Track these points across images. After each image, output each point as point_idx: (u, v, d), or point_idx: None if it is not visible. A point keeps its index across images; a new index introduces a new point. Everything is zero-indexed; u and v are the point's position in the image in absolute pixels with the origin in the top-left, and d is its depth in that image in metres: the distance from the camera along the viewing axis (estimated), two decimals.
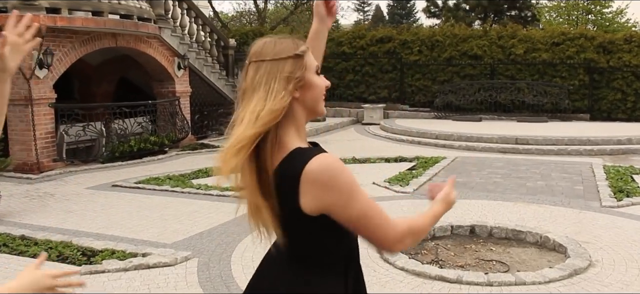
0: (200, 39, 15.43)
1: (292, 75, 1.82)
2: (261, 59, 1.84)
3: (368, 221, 1.77)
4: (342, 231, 1.81)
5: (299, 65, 1.85)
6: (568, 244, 5.99)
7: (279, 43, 1.87)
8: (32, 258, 5.82)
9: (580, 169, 10.74)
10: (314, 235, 1.82)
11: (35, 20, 10.06)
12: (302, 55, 1.85)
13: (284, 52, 1.84)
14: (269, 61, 1.83)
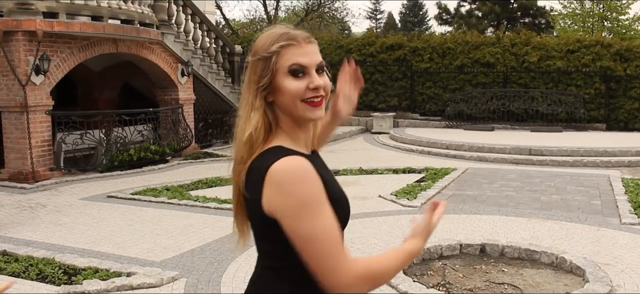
0: (205, 45, 15.09)
1: (260, 80, 1.66)
2: (251, 56, 1.72)
3: (316, 246, 1.52)
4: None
5: (266, 68, 1.64)
6: (586, 266, 5.53)
7: (261, 38, 1.70)
8: (10, 275, 5.46)
9: (598, 182, 10.25)
10: (276, 240, 1.60)
11: (32, 25, 9.80)
12: (270, 56, 1.62)
13: (259, 51, 1.68)
14: (251, 62, 1.70)
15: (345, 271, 1.52)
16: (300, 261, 1.56)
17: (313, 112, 1.66)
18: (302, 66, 1.64)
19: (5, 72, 10.28)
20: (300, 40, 1.65)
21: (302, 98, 1.64)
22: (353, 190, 9.15)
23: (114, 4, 11.57)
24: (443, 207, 1.80)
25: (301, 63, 1.64)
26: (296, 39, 1.64)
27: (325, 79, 1.68)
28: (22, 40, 10.14)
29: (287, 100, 1.65)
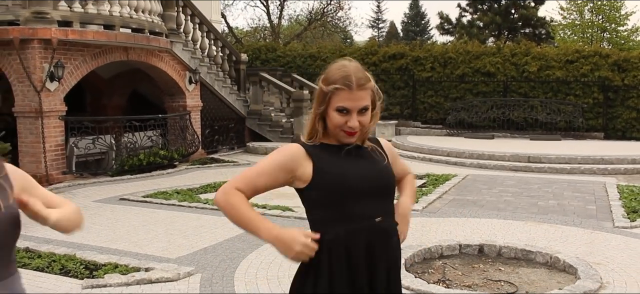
0: (212, 53, 15.46)
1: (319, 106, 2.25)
2: (320, 82, 2.30)
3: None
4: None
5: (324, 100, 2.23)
6: (578, 265, 5.86)
7: (329, 71, 2.29)
8: (35, 270, 5.79)
9: (593, 188, 10.58)
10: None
11: (47, 33, 10.16)
12: (327, 93, 2.20)
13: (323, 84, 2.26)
14: (318, 88, 2.29)
15: (225, 186, 2.23)
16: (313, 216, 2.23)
17: (347, 138, 2.23)
18: (346, 109, 2.15)
19: (21, 78, 10.64)
20: (353, 87, 2.13)
21: (341, 129, 2.18)
22: None
23: (126, 13, 11.93)
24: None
25: (346, 107, 2.15)
26: (350, 85, 2.13)
27: (364, 118, 2.19)
28: (38, 48, 10.50)
29: (331, 126, 2.22)
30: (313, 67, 20.95)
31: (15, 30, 10.47)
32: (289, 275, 5.52)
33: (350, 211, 2.16)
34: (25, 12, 10.57)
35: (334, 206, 2.17)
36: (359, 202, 2.16)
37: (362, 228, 2.17)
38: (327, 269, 2.13)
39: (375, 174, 2.23)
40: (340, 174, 2.17)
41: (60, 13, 10.82)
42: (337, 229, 2.14)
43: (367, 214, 2.19)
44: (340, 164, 2.19)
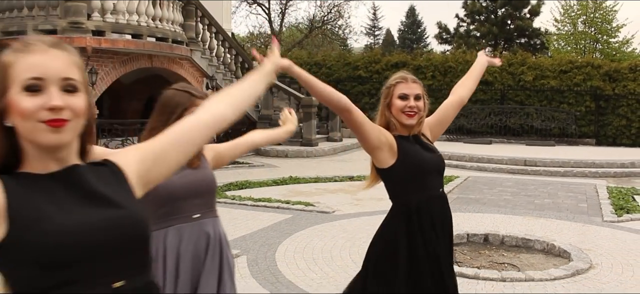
0: (227, 61, 16.35)
1: (385, 99, 3.02)
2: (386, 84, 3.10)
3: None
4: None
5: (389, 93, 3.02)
6: (572, 250, 6.76)
7: (391, 78, 3.08)
8: None
9: (585, 189, 11.50)
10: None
11: (82, 42, 11.03)
12: (390, 87, 3.01)
13: (387, 82, 3.07)
14: (384, 87, 3.08)
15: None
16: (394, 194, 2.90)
17: (408, 120, 2.94)
18: (406, 95, 2.93)
19: None
20: (409, 80, 2.96)
21: (402, 110, 2.93)
22: (370, 193, 10.36)
23: (152, 23, 12.81)
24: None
25: (405, 93, 2.94)
26: (407, 79, 2.96)
27: (419, 103, 2.96)
28: None
29: (395, 111, 2.96)
30: (319, 74, 21.82)
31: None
32: (322, 257, 6.43)
33: (428, 183, 2.95)
34: (63, 22, 11.44)
35: (414, 181, 2.91)
36: (430, 176, 2.98)
37: (434, 196, 2.98)
38: (419, 231, 2.85)
39: (436, 159, 3.05)
40: (417, 154, 2.96)
41: (94, 23, 11.69)
42: (418, 197, 2.90)
43: (439, 186, 3.02)
44: (415, 149, 2.97)
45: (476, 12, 31.20)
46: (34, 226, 1.33)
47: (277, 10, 39.08)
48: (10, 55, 1.38)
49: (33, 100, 1.35)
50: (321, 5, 41.38)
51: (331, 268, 6.15)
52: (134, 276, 1.43)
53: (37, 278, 1.32)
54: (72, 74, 1.40)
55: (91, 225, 1.37)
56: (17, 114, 1.35)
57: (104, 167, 1.52)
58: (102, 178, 1.48)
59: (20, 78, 1.35)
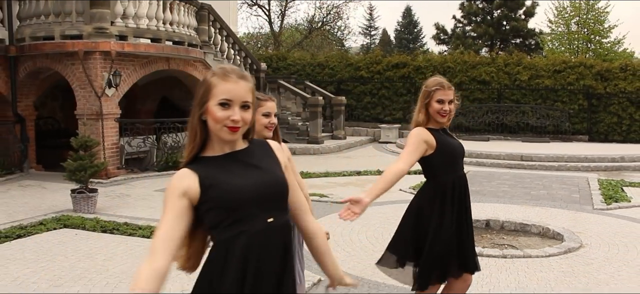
0: (237, 62, 17.11)
1: (424, 100, 3.81)
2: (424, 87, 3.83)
3: None
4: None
5: (428, 96, 3.76)
6: (564, 233, 7.57)
7: (429, 81, 3.85)
8: (141, 237, 7.40)
9: (578, 181, 12.32)
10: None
11: (107, 46, 11.78)
12: (430, 92, 3.73)
13: (426, 87, 3.80)
14: (423, 90, 3.85)
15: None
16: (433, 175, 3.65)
17: (442, 119, 3.73)
18: (442, 100, 3.70)
19: (83, 85, 12.25)
20: (446, 87, 3.71)
21: (439, 112, 3.70)
22: None
23: (169, 28, 13.57)
24: None
25: (443, 98, 3.71)
26: (443, 86, 3.69)
27: (452, 106, 3.74)
28: (99, 59, 12.12)
29: (432, 112, 3.72)
30: (322, 75, 22.65)
31: (79, 43, 12.09)
32: (342, 240, 7.21)
33: (456, 165, 3.82)
34: (88, 28, 12.18)
35: (447, 164, 3.77)
36: (457, 160, 3.80)
37: (462, 176, 3.82)
38: (450, 201, 3.73)
39: (461, 146, 3.87)
40: (449, 144, 3.79)
41: (117, 28, 12.44)
42: (452, 178, 3.77)
43: (462, 168, 3.85)
44: (448, 140, 3.81)
45: (472, 14, 32.03)
46: (217, 188, 2.13)
47: (277, 11, 39.84)
48: (214, 79, 2.17)
49: (223, 112, 2.13)
50: (320, 6, 42.20)
51: (351, 248, 6.94)
52: (279, 215, 2.21)
53: (223, 217, 2.13)
54: (248, 98, 2.18)
55: (250, 184, 2.17)
56: (212, 118, 2.15)
57: (261, 147, 2.31)
58: (257, 155, 2.27)
59: (217, 97, 2.14)
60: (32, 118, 13.67)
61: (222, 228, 2.12)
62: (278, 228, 2.18)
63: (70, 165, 8.94)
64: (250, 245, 2.11)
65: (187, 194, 2.11)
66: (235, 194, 2.11)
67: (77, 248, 6.91)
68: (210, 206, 2.11)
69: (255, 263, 2.12)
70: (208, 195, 2.11)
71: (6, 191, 10.92)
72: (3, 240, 7.17)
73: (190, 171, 2.14)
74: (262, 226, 2.13)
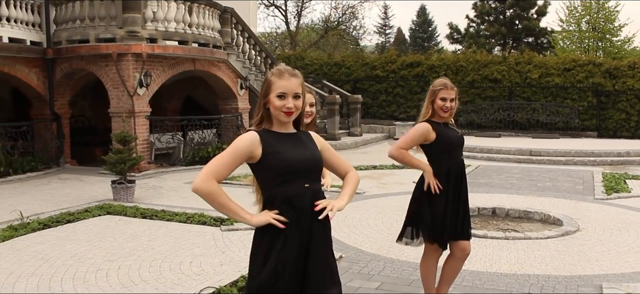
0: (257, 62, 17.91)
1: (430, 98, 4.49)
2: (431, 87, 4.54)
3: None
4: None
5: (434, 95, 4.45)
6: (564, 219, 8.27)
7: (435, 82, 4.57)
8: (179, 223, 8.19)
9: (583, 175, 12.98)
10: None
11: (138, 48, 12.59)
12: (435, 91, 4.42)
13: (432, 87, 4.49)
14: (430, 90, 4.53)
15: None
16: (433, 160, 4.36)
17: (445, 114, 4.42)
18: (445, 98, 4.41)
19: (116, 85, 13.09)
20: (449, 87, 4.42)
21: (442, 108, 4.40)
22: (393, 178, 11.95)
23: (195, 30, 14.38)
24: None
25: (446, 96, 4.41)
26: (447, 87, 4.41)
27: (454, 104, 4.43)
28: (131, 60, 12.95)
29: (437, 107, 4.42)
30: (338, 74, 23.41)
31: (113, 46, 12.93)
32: (361, 225, 7.95)
33: (454, 153, 4.52)
34: (121, 31, 13.02)
35: (446, 153, 4.46)
36: (456, 150, 4.54)
37: (459, 162, 4.55)
38: (445, 181, 4.43)
39: (459, 138, 4.60)
40: (448, 136, 4.50)
41: (148, 31, 13.27)
42: (448, 164, 4.47)
43: (460, 155, 4.57)
44: (448, 132, 4.50)
45: (485, 13, 32.62)
46: (275, 155, 2.87)
47: (293, 11, 40.63)
48: (273, 78, 2.93)
49: (281, 101, 2.90)
50: (336, 6, 42.90)
51: (369, 231, 7.69)
52: (314, 182, 2.96)
53: (275, 179, 2.88)
54: (298, 90, 2.94)
55: (298, 157, 2.91)
56: (273, 106, 2.91)
57: (305, 135, 3.07)
58: (303, 140, 3.03)
59: (276, 91, 2.90)
60: (67, 116, 14.54)
61: (272, 185, 2.88)
62: (312, 191, 2.92)
63: (110, 158, 9.77)
64: (289, 201, 2.85)
65: (251, 151, 2.87)
66: (286, 163, 2.85)
67: (123, 231, 7.72)
68: (267, 167, 2.87)
69: (292, 216, 2.86)
70: (267, 159, 2.86)
71: (48, 183, 11.79)
72: (55, 224, 8.00)
73: (259, 138, 2.89)
74: (300, 189, 2.88)
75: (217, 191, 2.83)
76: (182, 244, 7.00)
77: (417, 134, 4.47)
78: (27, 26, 13.37)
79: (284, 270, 2.80)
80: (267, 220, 2.79)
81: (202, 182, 2.82)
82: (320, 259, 2.87)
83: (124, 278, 5.72)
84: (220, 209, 2.90)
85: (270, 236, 2.83)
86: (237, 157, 2.87)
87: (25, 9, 13.34)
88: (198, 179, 2.83)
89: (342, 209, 2.98)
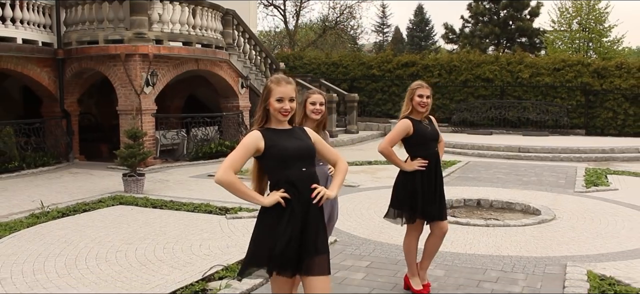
0: (258, 62, 18.59)
1: (409, 97, 5.14)
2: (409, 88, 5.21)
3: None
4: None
5: (411, 95, 5.11)
6: (542, 209, 8.97)
7: (412, 84, 5.20)
8: (188, 212, 8.86)
9: (567, 170, 13.68)
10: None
11: (145, 49, 13.25)
12: (412, 90, 5.08)
13: (410, 88, 5.17)
14: (409, 90, 5.22)
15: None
16: (410, 152, 5.07)
17: (422, 109, 5.09)
18: (422, 95, 5.10)
19: (124, 84, 13.77)
20: (424, 87, 5.11)
21: (419, 104, 5.08)
22: (387, 173, 12.64)
23: (199, 32, 15.06)
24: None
25: (422, 94, 5.10)
26: (423, 86, 5.11)
27: (429, 100, 5.12)
28: (138, 60, 13.63)
29: (415, 104, 5.10)
30: (336, 73, 24.11)
31: (121, 47, 13.61)
32: (354, 214, 8.63)
33: (427, 146, 5.20)
34: (129, 33, 13.70)
35: (421, 145, 5.16)
36: (429, 143, 5.22)
37: (432, 154, 5.22)
38: (419, 173, 5.15)
39: (434, 131, 5.29)
40: (423, 131, 5.22)
41: (154, 33, 13.94)
42: (423, 154, 5.13)
43: (433, 148, 5.25)
44: (422, 127, 5.21)
45: (480, 14, 33.35)
46: (275, 147, 3.55)
47: (292, 11, 41.30)
48: (272, 85, 3.62)
49: (279, 104, 3.58)
50: (334, 6, 43.55)
51: (361, 219, 8.38)
52: (309, 167, 3.65)
53: (278, 165, 3.56)
54: (293, 95, 3.62)
55: (293, 147, 3.58)
56: (272, 108, 3.59)
57: (300, 130, 3.75)
58: (297, 133, 3.70)
59: (275, 96, 3.59)
60: (76, 114, 15.22)
61: (275, 172, 3.55)
62: (308, 174, 3.60)
63: (122, 152, 10.47)
64: (291, 183, 3.53)
65: (257, 147, 3.53)
66: (285, 152, 3.53)
67: (136, 218, 8.41)
68: (270, 157, 3.54)
69: (294, 194, 3.54)
70: (269, 151, 3.53)
71: (60, 177, 12.47)
72: (73, 213, 8.69)
73: (261, 135, 3.56)
74: (299, 172, 3.56)
75: (235, 181, 3.49)
76: (191, 230, 7.69)
77: (400, 129, 5.15)
78: (39, 28, 14.04)
79: (291, 236, 3.47)
80: (276, 199, 3.45)
81: (223, 174, 3.47)
82: (314, 228, 3.55)
83: (141, 258, 6.42)
84: (238, 194, 3.52)
85: (276, 212, 3.50)
86: (246, 152, 3.52)
87: (38, 11, 14.01)
88: (219, 172, 3.49)
89: (332, 197, 3.64)
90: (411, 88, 5.18)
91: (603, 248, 6.98)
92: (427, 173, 5.15)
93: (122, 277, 5.77)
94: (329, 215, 5.00)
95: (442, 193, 5.30)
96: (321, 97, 4.93)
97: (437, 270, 6.05)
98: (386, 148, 5.15)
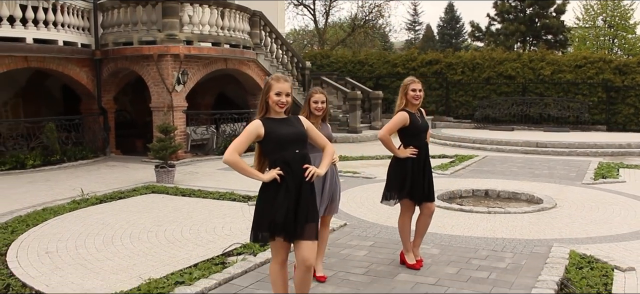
0: (284, 61, 19.35)
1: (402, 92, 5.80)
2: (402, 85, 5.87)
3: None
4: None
5: (404, 90, 5.77)
6: (545, 198, 9.52)
7: (405, 80, 5.89)
8: (213, 200, 9.64)
9: (580, 164, 14.11)
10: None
11: (176, 50, 14.08)
12: (405, 86, 5.74)
13: (403, 84, 5.84)
14: (401, 87, 5.91)
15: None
16: (404, 141, 5.74)
17: (416, 102, 5.75)
18: (415, 89, 5.73)
19: (156, 82, 14.64)
20: (416, 82, 5.76)
21: (413, 98, 5.73)
22: None
23: (227, 33, 15.86)
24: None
25: (415, 88, 5.74)
26: (415, 81, 5.77)
27: (422, 94, 5.79)
28: (170, 61, 14.48)
29: (409, 97, 5.74)
30: (361, 71, 24.76)
31: (154, 48, 14.48)
32: (367, 202, 9.29)
33: (419, 136, 5.86)
34: (161, 35, 14.56)
35: (414, 135, 5.82)
36: (421, 134, 5.87)
37: (423, 144, 5.88)
38: (410, 160, 5.82)
39: (425, 123, 5.93)
40: (417, 123, 5.86)
41: (185, 34, 14.79)
42: (415, 143, 5.80)
43: (424, 138, 5.90)
44: (416, 119, 5.86)
45: (505, 11, 33.62)
46: (274, 133, 4.26)
47: (321, 10, 41.96)
48: (272, 81, 4.33)
49: (277, 98, 4.29)
50: (363, 5, 44.12)
51: (373, 207, 9.04)
52: (302, 149, 4.35)
53: (275, 147, 4.27)
54: (289, 90, 4.33)
55: (289, 133, 4.29)
56: (271, 101, 4.30)
57: (295, 118, 4.46)
58: (292, 121, 4.41)
59: (274, 90, 4.30)
60: (112, 111, 16.17)
61: (273, 153, 4.25)
62: (301, 155, 4.30)
63: (154, 146, 11.31)
64: (286, 163, 4.23)
65: (258, 133, 4.23)
66: (281, 137, 4.23)
67: (166, 204, 9.22)
68: (269, 141, 4.24)
69: (289, 173, 4.23)
70: (269, 136, 4.23)
71: (97, 169, 13.39)
72: (109, 200, 9.54)
73: (262, 123, 4.26)
74: (293, 154, 4.26)
75: (239, 160, 4.21)
76: (215, 215, 8.46)
77: (398, 121, 5.80)
78: (78, 30, 14.99)
79: (287, 207, 4.16)
80: (273, 175, 4.15)
81: (229, 155, 4.21)
82: (306, 200, 4.24)
83: (170, 237, 7.20)
84: (241, 171, 4.23)
85: (274, 187, 4.20)
86: (249, 137, 4.25)
87: (77, 15, 14.96)
88: (226, 153, 4.23)
89: (321, 175, 4.32)
90: (405, 84, 5.83)
91: (593, 232, 7.52)
92: (417, 160, 5.80)
93: (152, 252, 6.55)
94: (332, 196, 5.67)
95: (430, 178, 5.95)
96: (322, 96, 5.60)
97: (433, 249, 6.70)
98: (385, 136, 5.80)
